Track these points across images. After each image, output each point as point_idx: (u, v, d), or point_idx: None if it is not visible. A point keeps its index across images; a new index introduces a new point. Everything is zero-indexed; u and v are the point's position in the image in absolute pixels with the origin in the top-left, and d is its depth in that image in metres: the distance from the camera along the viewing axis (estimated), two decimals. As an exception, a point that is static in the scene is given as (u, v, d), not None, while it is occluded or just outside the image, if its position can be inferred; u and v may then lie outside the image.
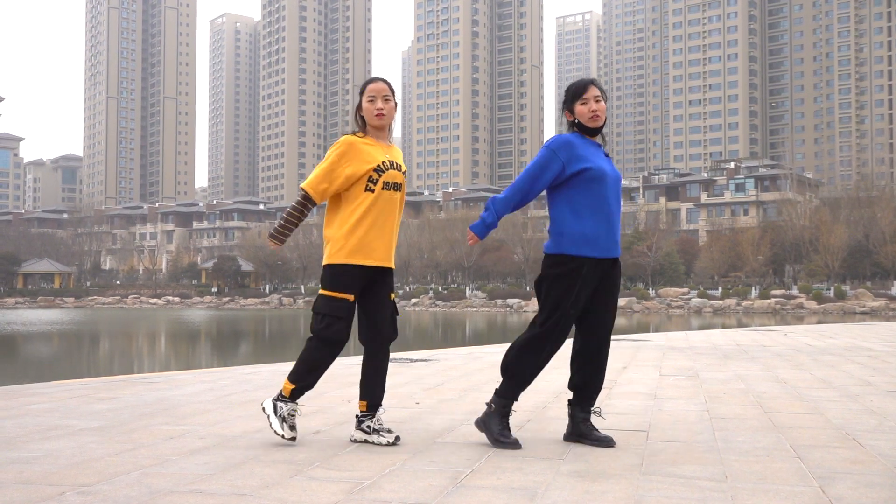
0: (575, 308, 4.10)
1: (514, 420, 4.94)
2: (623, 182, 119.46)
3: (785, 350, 10.98)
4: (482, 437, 4.35)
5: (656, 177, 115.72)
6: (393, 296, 4.34)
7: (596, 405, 4.30)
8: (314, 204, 4.26)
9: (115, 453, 3.93)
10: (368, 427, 4.20)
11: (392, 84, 4.40)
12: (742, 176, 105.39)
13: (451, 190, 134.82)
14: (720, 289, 73.08)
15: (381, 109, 4.25)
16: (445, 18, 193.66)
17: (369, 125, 4.31)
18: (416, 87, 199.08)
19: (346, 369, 8.25)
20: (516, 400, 4.22)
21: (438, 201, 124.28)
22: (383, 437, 4.14)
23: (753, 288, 71.57)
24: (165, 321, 50.51)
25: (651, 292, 72.85)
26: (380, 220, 4.20)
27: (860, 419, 5.00)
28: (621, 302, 68.41)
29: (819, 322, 37.58)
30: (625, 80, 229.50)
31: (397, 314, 4.36)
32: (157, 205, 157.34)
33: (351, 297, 4.16)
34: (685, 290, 73.40)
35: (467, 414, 5.18)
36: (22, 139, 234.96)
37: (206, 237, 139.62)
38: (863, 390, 6.45)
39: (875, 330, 17.12)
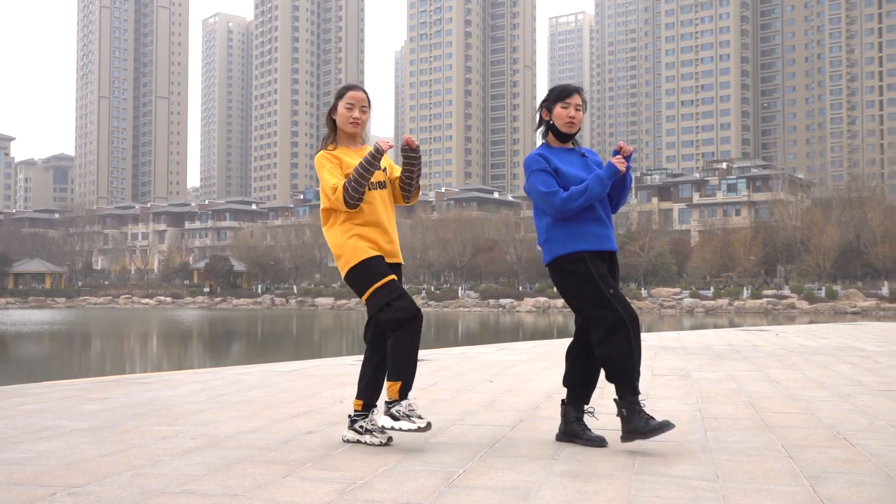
0: (612, 287, 4.09)
1: (505, 420, 4.94)
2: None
3: (777, 350, 11.01)
4: (475, 436, 4.35)
5: (649, 177, 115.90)
6: None
7: (589, 405, 4.31)
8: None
9: (107, 454, 3.92)
10: (361, 427, 4.19)
11: (370, 95, 4.41)
12: (734, 176, 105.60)
13: (443, 190, 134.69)
14: (712, 289, 73.23)
15: (357, 119, 4.27)
16: (438, 18, 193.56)
17: (341, 130, 4.32)
18: (409, 87, 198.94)
19: (338, 369, 8.25)
20: (639, 393, 4.11)
21: (431, 201, 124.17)
22: (376, 437, 4.14)
23: (745, 288, 71.74)
24: (157, 321, 50.40)
25: (643, 292, 72.97)
26: (373, 219, 4.21)
27: (851, 419, 5.02)
28: (613, 302, 68.43)
29: (810, 322, 37.70)
30: (617, 80, 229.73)
31: None
32: (148, 205, 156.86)
33: (394, 277, 4.11)
34: (677, 290, 73.53)
35: (460, 414, 5.17)
36: (13, 138, 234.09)
37: (198, 237, 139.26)
38: (854, 390, 6.47)
39: (866, 330, 17.17)
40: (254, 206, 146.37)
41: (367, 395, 4.26)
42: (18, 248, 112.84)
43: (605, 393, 6.26)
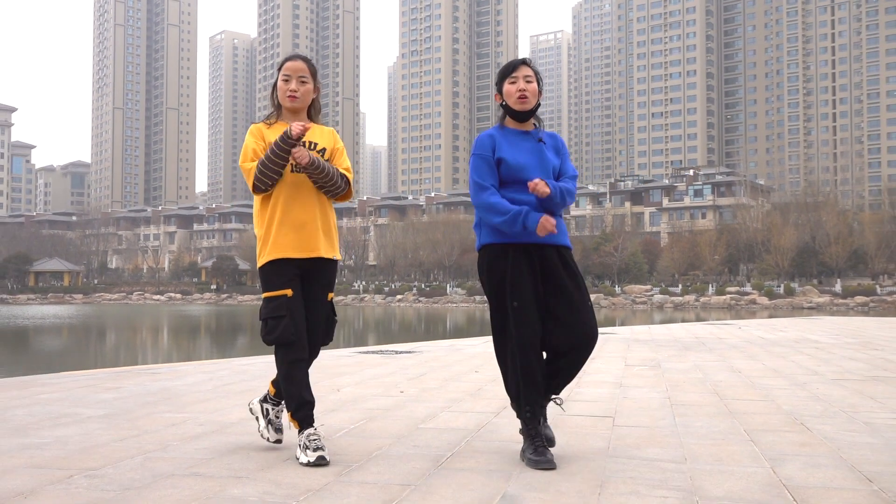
0: (518, 298, 3.38)
1: (490, 407, 4.93)
2: (591, 188, 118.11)
3: (739, 342, 11.04)
4: (462, 423, 4.35)
5: (622, 183, 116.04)
6: (331, 296, 3.67)
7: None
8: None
9: (121, 439, 3.90)
10: (268, 411, 3.74)
11: (314, 65, 3.71)
12: (700, 182, 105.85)
13: (433, 195, 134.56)
14: (680, 286, 73.44)
15: (295, 92, 3.61)
16: (428, 36, 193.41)
17: (283, 107, 3.68)
18: (401, 99, 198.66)
19: (335, 360, 8.22)
20: (525, 412, 3.44)
21: (422, 205, 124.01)
22: (271, 433, 3.71)
23: (710, 285, 71.96)
24: (168, 316, 50.18)
25: (617, 289, 73.10)
26: (294, 207, 3.53)
27: (808, 405, 5.03)
28: (590, 298, 68.53)
29: (770, 316, 37.82)
30: (593, 93, 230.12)
31: (335, 316, 3.70)
32: (160, 208, 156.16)
33: (288, 292, 3.47)
34: (648, 287, 73.71)
35: (448, 402, 5.17)
36: (34, 147, 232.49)
37: (206, 238, 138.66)
38: (810, 379, 6.49)
39: (821, 324, 17.24)
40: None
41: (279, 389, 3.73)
42: (39, 248, 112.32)
43: (581, 382, 6.25)
